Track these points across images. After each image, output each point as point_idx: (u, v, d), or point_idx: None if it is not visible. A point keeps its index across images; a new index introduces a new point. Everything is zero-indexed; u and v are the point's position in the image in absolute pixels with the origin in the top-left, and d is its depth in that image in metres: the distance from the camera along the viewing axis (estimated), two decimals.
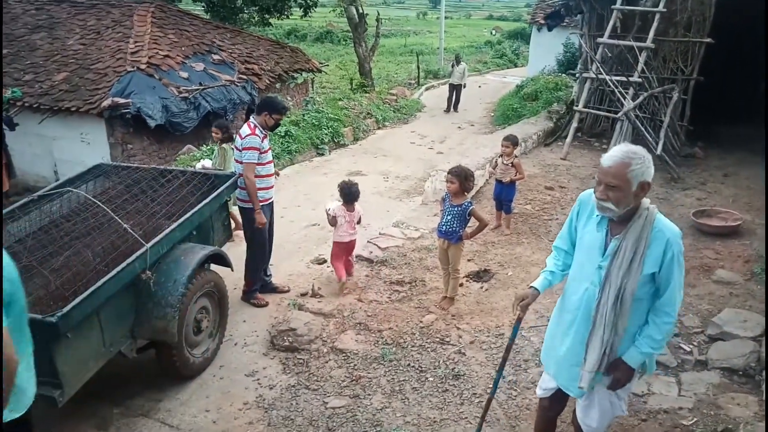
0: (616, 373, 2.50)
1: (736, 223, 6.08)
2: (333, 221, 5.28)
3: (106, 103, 8.91)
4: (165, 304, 3.66)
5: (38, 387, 3.00)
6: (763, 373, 3.90)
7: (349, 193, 5.29)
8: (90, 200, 3.76)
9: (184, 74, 10.39)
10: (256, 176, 4.73)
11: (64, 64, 10.24)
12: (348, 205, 5.31)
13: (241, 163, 4.72)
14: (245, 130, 4.73)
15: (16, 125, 8.99)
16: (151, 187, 4.25)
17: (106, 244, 3.70)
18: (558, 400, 2.90)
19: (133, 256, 3.40)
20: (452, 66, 15.77)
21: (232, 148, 6.50)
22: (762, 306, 4.71)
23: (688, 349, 4.34)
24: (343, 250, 5.39)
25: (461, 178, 4.70)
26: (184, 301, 3.76)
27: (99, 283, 3.12)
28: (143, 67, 9.68)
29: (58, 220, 3.95)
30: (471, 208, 4.75)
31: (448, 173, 4.80)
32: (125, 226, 3.52)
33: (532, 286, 2.73)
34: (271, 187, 4.98)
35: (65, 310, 2.88)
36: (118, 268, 3.28)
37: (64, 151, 9.83)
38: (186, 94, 9.89)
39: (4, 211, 3.79)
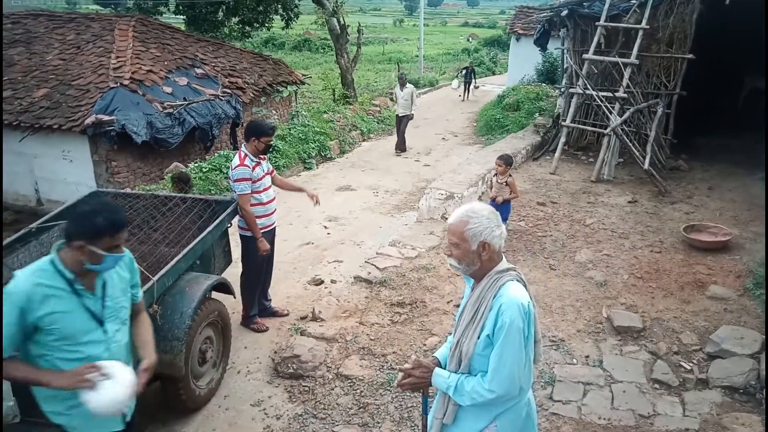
0: (420, 369, 2.36)
1: (726, 238, 6.19)
2: None
3: (89, 120, 8.72)
4: (171, 337, 3.61)
5: None
6: (764, 392, 3.99)
7: None
8: None
9: (168, 89, 10.24)
10: (257, 203, 4.70)
11: (44, 80, 9.97)
12: None
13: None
14: (235, 161, 4.61)
15: None
16: (153, 216, 4.17)
17: None
18: None
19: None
20: (397, 89, 12.04)
21: None
22: (757, 323, 4.82)
23: (689, 368, 4.42)
24: None
25: None
26: (190, 333, 3.71)
27: None
28: (126, 82, 9.50)
29: None
30: None
31: None
32: None
33: (434, 356, 2.54)
34: (272, 213, 4.94)
35: None
36: None
37: (46, 169, 9.60)
38: (170, 110, 9.73)
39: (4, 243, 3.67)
